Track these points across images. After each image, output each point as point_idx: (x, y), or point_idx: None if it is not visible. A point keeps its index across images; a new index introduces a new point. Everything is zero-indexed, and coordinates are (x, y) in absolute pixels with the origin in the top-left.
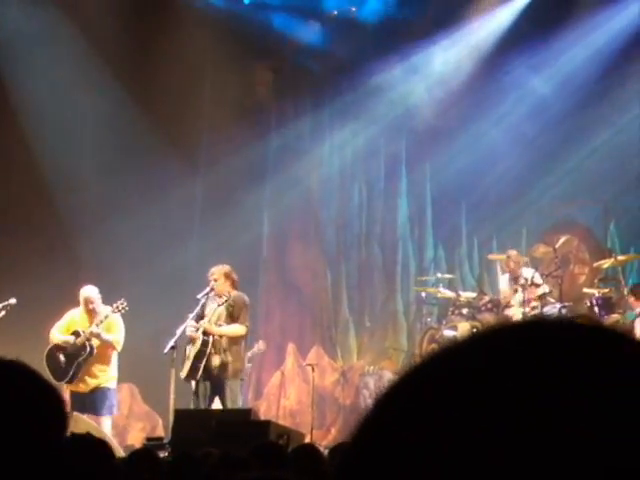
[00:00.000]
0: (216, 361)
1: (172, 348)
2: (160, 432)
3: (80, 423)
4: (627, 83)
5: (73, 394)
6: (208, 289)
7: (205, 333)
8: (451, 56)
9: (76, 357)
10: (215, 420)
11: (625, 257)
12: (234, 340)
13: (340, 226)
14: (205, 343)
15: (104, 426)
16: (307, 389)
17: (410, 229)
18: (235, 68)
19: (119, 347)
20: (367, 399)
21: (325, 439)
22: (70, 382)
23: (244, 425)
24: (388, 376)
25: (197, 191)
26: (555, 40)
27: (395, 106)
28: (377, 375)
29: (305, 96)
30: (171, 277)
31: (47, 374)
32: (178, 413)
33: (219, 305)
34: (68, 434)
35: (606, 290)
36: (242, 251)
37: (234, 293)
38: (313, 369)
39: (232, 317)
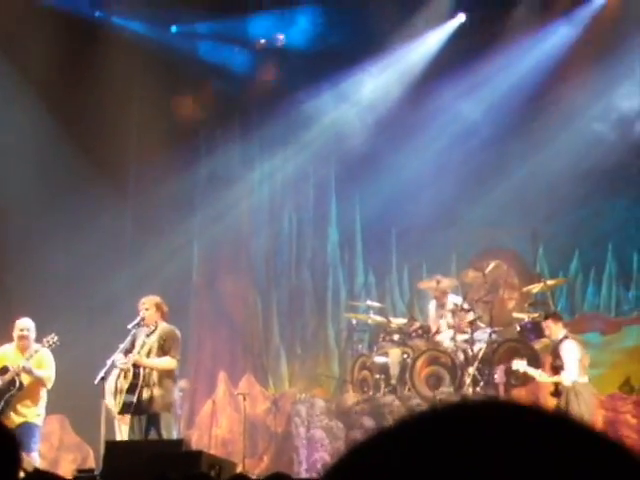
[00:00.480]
0: (147, 394)
1: (102, 379)
2: (91, 463)
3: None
4: (554, 108)
5: None
6: (139, 319)
7: (135, 365)
8: (380, 82)
9: (4, 393)
10: (147, 451)
11: (554, 281)
12: (165, 373)
13: (270, 253)
14: (136, 376)
15: (34, 462)
16: (239, 418)
17: (340, 256)
18: (163, 96)
19: (49, 384)
20: (299, 427)
21: (257, 467)
22: None
23: (176, 456)
24: (320, 404)
25: (126, 220)
26: (483, 66)
27: (324, 133)
28: (309, 403)
29: (234, 124)
30: (101, 307)
31: None
32: (109, 444)
33: (147, 335)
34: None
35: (536, 315)
36: (172, 280)
37: (165, 325)
38: (244, 398)
39: (163, 350)
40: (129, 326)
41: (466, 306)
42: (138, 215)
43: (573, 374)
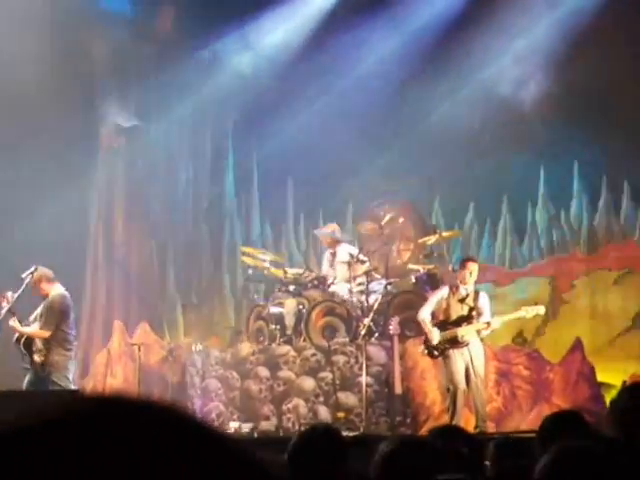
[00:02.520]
0: (37, 358)
1: None
2: None
3: None
4: (455, 59)
5: None
6: (33, 268)
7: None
8: (279, 30)
9: None
10: (40, 401)
11: (449, 233)
12: (49, 340)
13: (167, 202)
14: (18, 340)
15: None
16: (134, 367)
17: (237, 205)
18: (57, 44)
19: None
20: (194, 376)
21: None
22: None
23: None
24: (215, 354)
25: (22, 170)
26: (382, 16)
27: (222, 81)
28: (204, 352)
29: (130, 72)
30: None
31: None
32: None
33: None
34: None
35: (431, 266)
36: (68, 229)
37: (52, 295)
38: (139, 348)
39: (44, 319)
40: (23, 275)
41: (362, 257)
42: (33, 165)
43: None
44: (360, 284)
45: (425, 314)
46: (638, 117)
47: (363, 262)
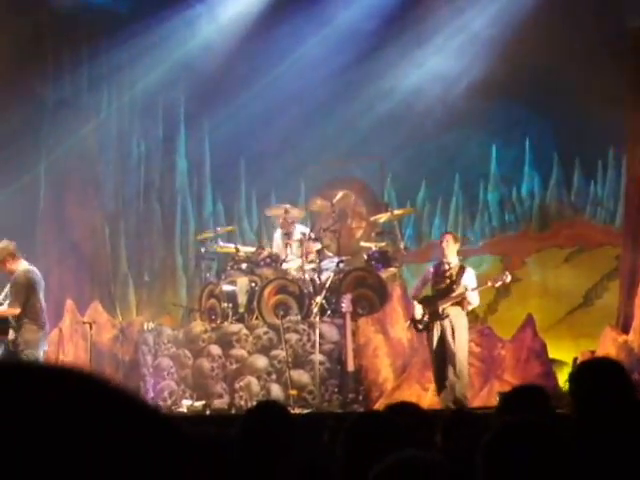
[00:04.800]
0: (10, 335)
1: None
2: None
3: None
4: (403, 36)
5: None
6: None
7: None
8: (233, 7)
9: None
10: None
11: (401, 211)
12: (20, 316)
13: (119, 180)
14: None
15: None
16: (85, 346)
17: (189, 183)
18: (8, 19)
19: None
20: (146, 355)
21: None
22: None
23: None
24: (167, 332)
25: None
26: None
27: (173, 59)
28: (156, 331)
29: (81, 49)
30: None
31: None
32: None
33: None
34: None
35: (383, 244)
36: (18, 206)
37: (17, 272)
38: (91, 326)
39: (13, 296)
40: None
41: (313, 235)
42: None
43: (475, 300)
44: (312, 262)
45: (415, 291)
46: (587, 94)
47: (315, 240)
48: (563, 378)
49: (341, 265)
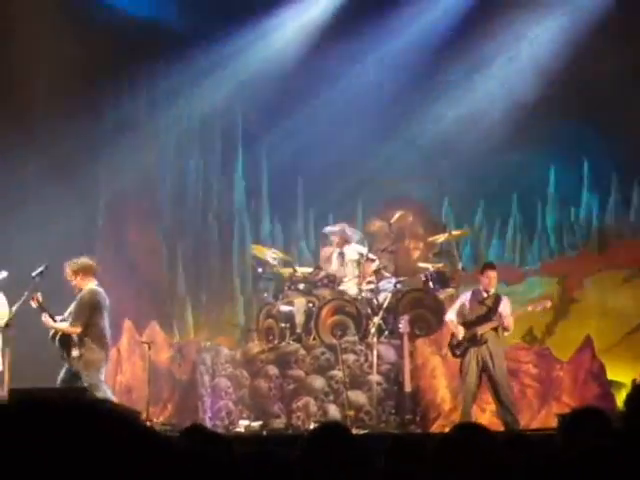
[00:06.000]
0: (74, 352)
1: (6, 325)
2: None
3: None
4: (459, 61)
5: None
6: (43, 267)
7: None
8: (289, 31)
9: None
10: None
11: (459, 232)
12: (82, 335)
13: (177, 201)
14: (53, 336)
15: None
16: (143, 366)
17: (246, 203)
18: (70, 42)
19: (2, 321)
20: (203, 375)
21: (162, 415)
22: None
23: None
24: (224, 352)
25: (31, 163)
26: (389, 16)
27: (231, 80)
28: (214, 351)
29: (141, 70)
30: (5, 252)
31: None
32: (14, 392)
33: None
34: None
35: (440, 265)
36: (77, 228)
37: (83, 291)
38: (149, 346)
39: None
40: (33, 274)
41: (371, 256)
42: (43, 160)
43: (511, 327)
44: (370, 282)
45: (450, 315)
46: None
47: (372, 260)
48: (621, 400)
49: (398, 286)
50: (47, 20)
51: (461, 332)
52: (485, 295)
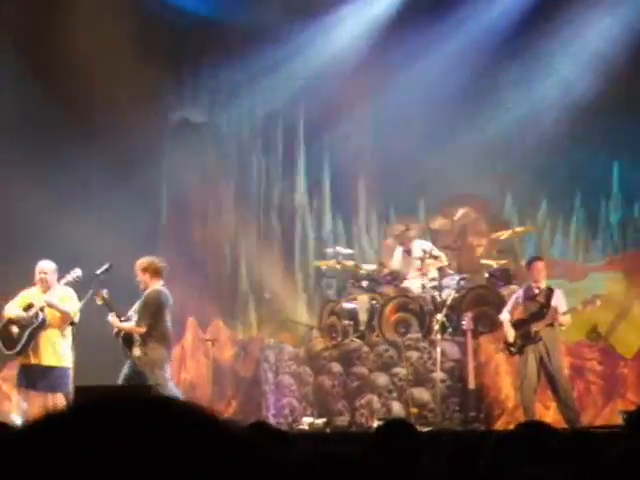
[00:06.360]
0: (136, 352)
1: (71, 323)
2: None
3: None
4: (523, 58)
5: (25, 368)
6: (107, 265)
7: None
8: (351, 27)
9: (28, 326)
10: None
11: (522, 228)
12: (145, 334)
13: (239, 199)
14: (117, 334)
15: (58, 403)
16: (207, 363)
17: (308, 201)
18: (132, 40)
19: (75, 318)
20: (267, 372)
21: (226, 412)
22: (20, 353)
23: None
24: (288, 349)
25: (95, 164)
26: (452, 13)
27: (293, 78)
28: (277, 348)
29: (202, 69)
30: (69, 253)
31: None
32: (80, 390)
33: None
34: None
35: (504, 261)
36: (140, 227)
37: (149, 290)
38: (213, 344)
39: (140, 314)
40: (97, 272)
41: (435, 252)
42: (107, 161)
43: (567, 321)
44: (433, 279)
45: (505, 314)
46: None
47: (436, 257)
48: None
49: (462, 283)
50: (110, 19)
51: (511, 333)
52: (537, 291)
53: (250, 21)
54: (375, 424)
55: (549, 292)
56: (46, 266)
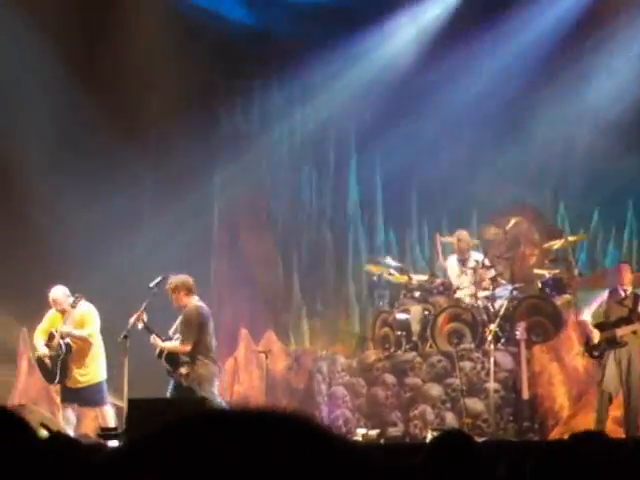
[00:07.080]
0: (182, 369)
1: (125, 337)
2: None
3: (35, 414)
4: (573, 65)
5: (64, 389)
6: (160, 278)
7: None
8: (400, 39)
9: (56, 358)
10: (170, 410)
11: (575, 238)
12: (193, 352)
13: (291, 211)
14: (160, 354)
15: (107, 415)
16: (260, 374)
17: (360, 212)
18: (185, 54)
19: (93, 339)
20: (320, 383)
21: None
22: (61, 382)
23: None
24: (341, 360)
25: (147, 180)
26: (500, 25)
27: (344, 91)
28: (330, 359)
29: (253, 83)
30: (122, 268)
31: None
32: (132, 403)
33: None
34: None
35: (557, 271)
36: (193, 239)
37: (187, 308)
38: (266, 355)
39: (182, 332)
40: (150, 285)
41: (487, 262)
42: (158, 175)
43: None
44: (486, 289)
45: (586, 316)
46: None
47: (489, 267)
48: None
49: (515, 292)
50: (161, 35)
51: (596, 336)
52: (623, 295)
53: (300, 34)
54: (429, 435)
55: (636, 298)
56: (54, 294)
